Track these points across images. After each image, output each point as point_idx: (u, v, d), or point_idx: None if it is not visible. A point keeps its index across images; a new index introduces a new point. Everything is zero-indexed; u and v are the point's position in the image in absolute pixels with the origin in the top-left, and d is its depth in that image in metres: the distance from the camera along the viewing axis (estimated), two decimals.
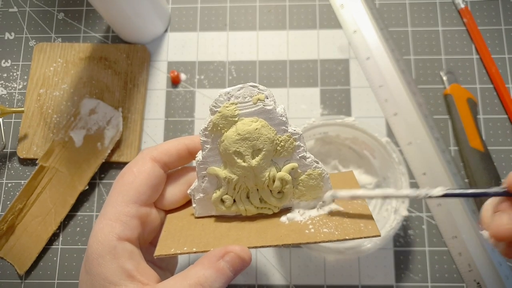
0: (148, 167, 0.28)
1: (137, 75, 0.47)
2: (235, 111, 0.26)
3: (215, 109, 0.27)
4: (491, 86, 0.46)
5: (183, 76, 0.48)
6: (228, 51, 0.48)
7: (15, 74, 0.49)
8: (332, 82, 0.47)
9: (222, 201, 0.28)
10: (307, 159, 0.27)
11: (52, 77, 0.47)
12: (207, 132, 0.27)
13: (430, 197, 0.27)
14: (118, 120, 0.44)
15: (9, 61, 0.49)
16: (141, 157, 0.29)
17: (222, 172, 0.27)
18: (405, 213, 0.36)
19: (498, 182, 0.41)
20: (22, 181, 0.46)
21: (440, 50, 0.47)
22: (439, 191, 0.26)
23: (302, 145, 0.27)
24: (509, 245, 0.24)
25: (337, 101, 0.46)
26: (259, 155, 0.26)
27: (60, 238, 0.44)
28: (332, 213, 0.27)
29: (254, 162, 0.26)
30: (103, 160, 0.44)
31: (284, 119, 0.27)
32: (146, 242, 0.29)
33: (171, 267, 0.32)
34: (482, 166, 0.42)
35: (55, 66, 0.48)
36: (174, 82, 0.47)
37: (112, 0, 0.41)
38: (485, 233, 0.25)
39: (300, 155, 0.27)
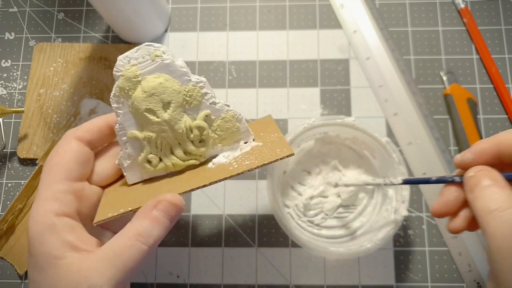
0: (73, 145, 0.29)
1: None
2: (136, 71, 0.28)
3: (118, 74, 0.28)
4: (491, 86, 0.46)
5: None
6: (228, 51, 0.48)
7: (15, 74, 0.49)
8: (332, 82, 0.47)
9: (149, 161, 0.29)
10: (218, 104, 0.29)
11: (52, 77, 0.47)
12: (116, 98, 0.28)
13: (392, 184, 0.33)
14: None
15: (9, 61, 0.49)
16: (65, 138, 0.29)
17: (140, 133, 0.29)
18: (405, 213, 0.36)
19: None
20: (22, 181, 0.46)
21: (440, 50, 0.47)
22: (399, 180, 0.33)
23: (209, 91, 0.29)
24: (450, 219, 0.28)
25: (337, 101, 0.46)
26: (170, 108, 0.28)
27: None
28: (253, 149, 0.29)
29: (166, 115, 0.28)
30: None
31: (185, 69, 0.28)
32: (88, 219, 0.29)
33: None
34: None
35: (55, 66, 0.48)
36: None
37: (112, 0, 0.41)
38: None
39: (209, 102, 0.29)
